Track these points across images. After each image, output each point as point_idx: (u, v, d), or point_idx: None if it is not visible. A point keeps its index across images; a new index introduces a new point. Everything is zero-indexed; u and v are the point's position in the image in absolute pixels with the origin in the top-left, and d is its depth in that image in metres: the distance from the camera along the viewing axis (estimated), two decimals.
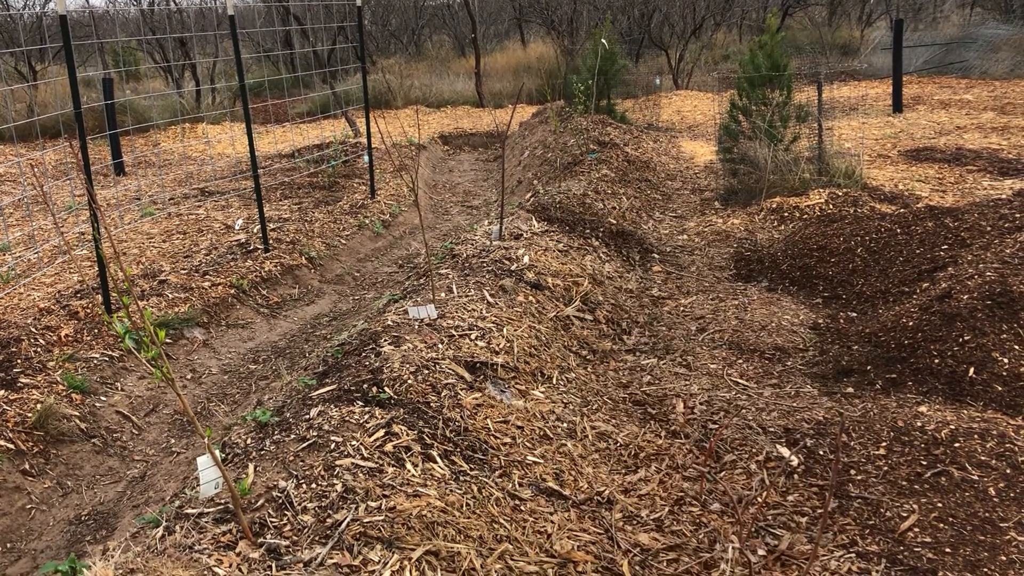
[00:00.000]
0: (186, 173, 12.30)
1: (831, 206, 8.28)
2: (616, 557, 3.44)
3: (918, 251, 6.45)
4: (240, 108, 8.49)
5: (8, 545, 4.37)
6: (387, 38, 29.38)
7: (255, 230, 8.77)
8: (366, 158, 11.04)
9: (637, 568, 3.40)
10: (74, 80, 6.15)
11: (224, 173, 12.09)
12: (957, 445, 3.96)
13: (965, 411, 4.39)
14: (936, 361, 4.89)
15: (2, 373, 5.47)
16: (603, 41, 13.25)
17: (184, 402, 2.91)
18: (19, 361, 5.65)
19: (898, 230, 6.85)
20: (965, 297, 5.20)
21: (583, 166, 10.33)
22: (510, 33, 30.30)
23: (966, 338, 4.92)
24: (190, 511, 3.34)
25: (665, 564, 3.43)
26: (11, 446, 4.87)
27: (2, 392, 5.25)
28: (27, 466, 4.86)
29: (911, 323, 5.26)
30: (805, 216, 8.20)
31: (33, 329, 6.11)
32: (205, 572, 2.90)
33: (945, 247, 6.36)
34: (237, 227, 9.09)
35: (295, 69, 18.82)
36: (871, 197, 8.58)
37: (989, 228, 6.43)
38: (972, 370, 4.72)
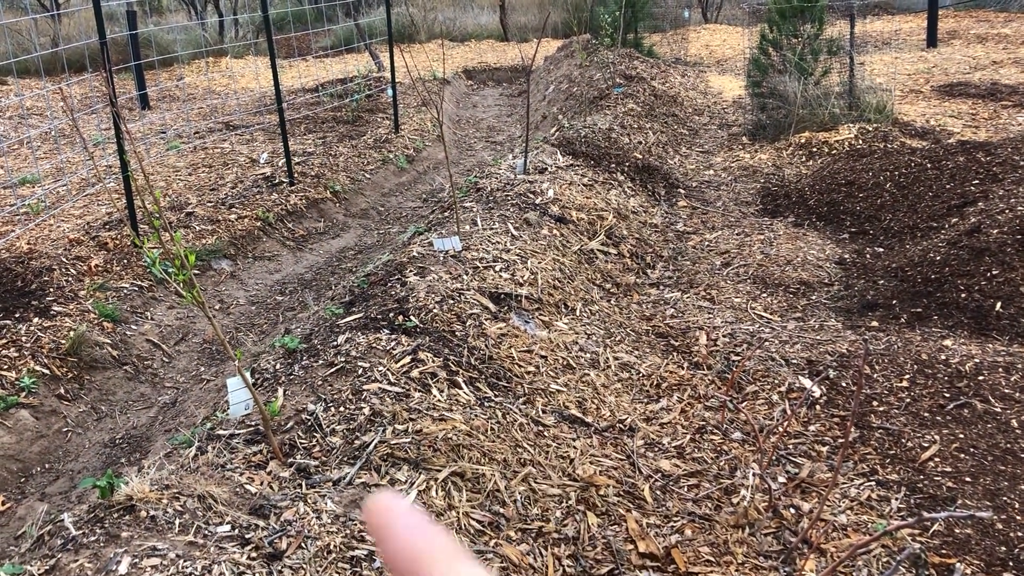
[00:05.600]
0: (210, 107, 12.29)
1: (861, 141, 8.16)
2: (637, 482, 3.50)
3: (948, 186, 6.36)
4: (264, 41, 8.44)
5: (47, 465, 4.51)
6: None
7: (280, 164, 8.79)
8: (390, 92, 10.96)
9: (658, 493, 3.46)
10: (98, 8, 6.13)
11: (248, 107, 12.07)
12: (981, 378, 3.96)
13: (990, 345, 4.38)
14: (963, 295, 4.86)
15: (36, 301, 5.57)
16: None
17: (215, 324, 2.96)
18: (51, 290, 5.75)
19: (928, 165, 6.75)
20: (995, 232, 5.14)
21: (609, 100, 10.20)
22: None
23: (994, 272, 4.88)
24: (221, 432, 3.43)
25: (686, 489, 3.49)
26: (46, 371, 4.99)
27: (36, 319, 5.36)
28: (62, 391, 4.98)
29: (938, 258, 5.22)
30: (834, 151, 8.08)
31: (64, 259, 6.20)
32: (237, 489, 2.98)
33: (976, 182, 6.27)
34: (262, 161, 9.11)
35: (318, 1, 18.61)
36: (902, 132, 8.43)
37: (1023, 163, 6.32)
38: (999, 304, 4.70)
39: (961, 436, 3.64)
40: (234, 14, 19.70)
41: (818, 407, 3.99)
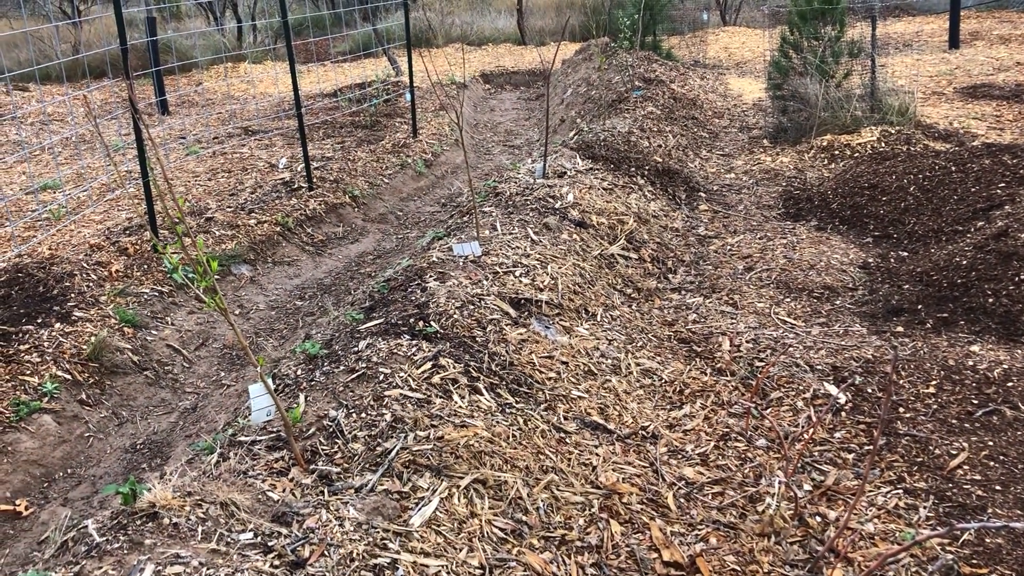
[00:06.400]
0: (229, 112, 12.34)
1: (883, 144, 8.08)
2: (661, 490, 3.47)
3: (973, 189, 6.28)
4: (282, 46, 8.46)
5: (69, 470, 4.52)
6: None
7: (299, 169, 8.80)
8: (408, 96, 10.97)
9: (682, 501, 3.42)
10: (120, 15, 6.17)
11: (267, 112, 12.11)
12: (1010, 384, 3.90)
13: (1019, 350, 4.31)
14: (990, 300, 4.79)
15: (57, 306, 5.60)
16: None
17: (237, 331, 2.95)
18: (73, 295, 5.77)
19: (953, 168, 6.67)
20: (1023, 236, 5.07)
21: (628, 104, 10.17)
22: None
23: (1022, 277, 4.80)
24: (243, 439, 3.42)
25: (710, 497, 3.45)
26: (68, 376, 5.01)
27: (58, 325, 5.39)
28: (84, 396, 4.99)
29: (965, 262, 5.15)
30: (856, 154, 8.01)
31: (85, 264, 6.22)
32: (260, 496, 2.97)
33: (1002, 185, 6.19)
34: (281, 166, 9.13)
35: (335, 6, 18.66)
36: (925, 135, 8.35)
37: None
38: None
39: (990, 443, 3.58)
40: (252, 20, 19.80)
41: (843, 414, 3.94)
